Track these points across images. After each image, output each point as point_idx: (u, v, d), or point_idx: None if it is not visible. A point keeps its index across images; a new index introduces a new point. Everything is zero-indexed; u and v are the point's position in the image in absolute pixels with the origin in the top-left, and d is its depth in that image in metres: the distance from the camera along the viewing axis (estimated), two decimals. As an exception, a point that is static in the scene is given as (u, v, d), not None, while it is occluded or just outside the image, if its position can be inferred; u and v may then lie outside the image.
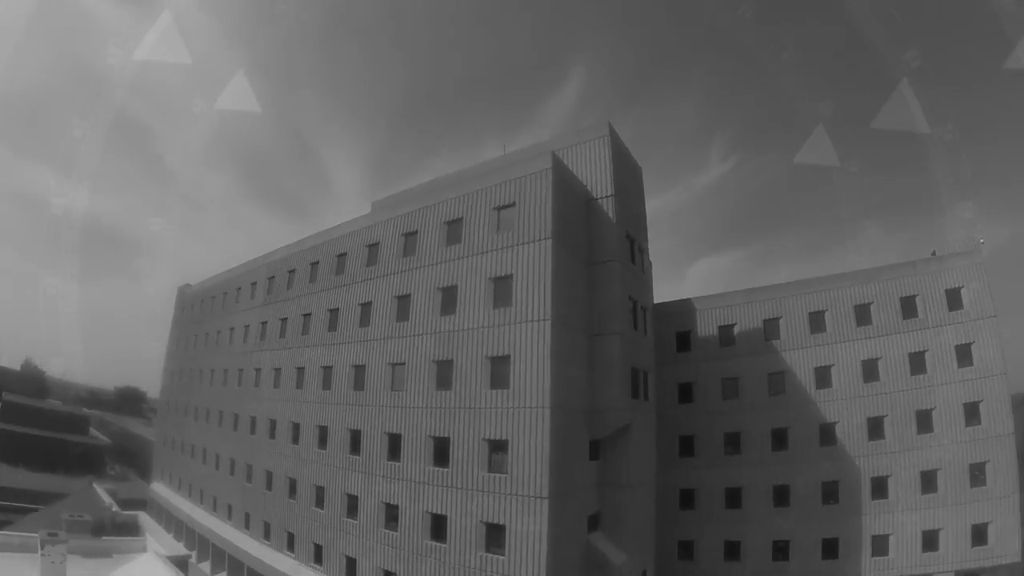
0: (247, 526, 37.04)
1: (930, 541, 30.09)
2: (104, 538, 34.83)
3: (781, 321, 33.97)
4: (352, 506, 28.34)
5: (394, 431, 26.47)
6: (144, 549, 36.13)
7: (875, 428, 31.33)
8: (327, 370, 31.21)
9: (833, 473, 31.51)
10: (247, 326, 40.23)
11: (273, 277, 38.18)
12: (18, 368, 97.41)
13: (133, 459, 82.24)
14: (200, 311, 49.35)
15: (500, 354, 22.86)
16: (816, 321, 33.26)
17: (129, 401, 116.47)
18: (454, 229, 25.68)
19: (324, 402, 31.05)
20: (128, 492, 59.05)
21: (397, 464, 26.12)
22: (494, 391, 22.90)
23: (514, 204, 23.81)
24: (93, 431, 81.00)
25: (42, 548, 17.96)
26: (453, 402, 24.11)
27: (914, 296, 32.06)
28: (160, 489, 51.41)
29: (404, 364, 26.41)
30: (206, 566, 40.67)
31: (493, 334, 23.19)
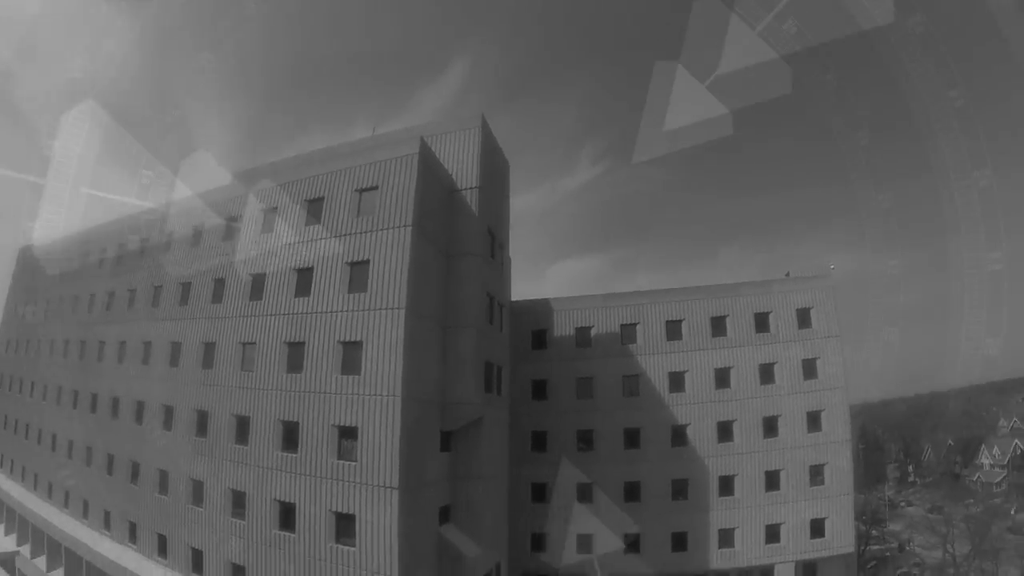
0: (86, 515, 33.94)
1: (773, 534, 33.08)
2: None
3: (639, 327, 35.65)
4: (198, 493, 26.65)
5: (243, 413, 25.14)
6: None
7: (724, 431, 33.87)
8: (175, 346, 28.99)
9: (683, 471, 33.69)
10: (93, 295, 36.46)
11: (124, 244, 34.79)
12: None
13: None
14: (43, 276, 44.06)
15: (353, 339, 22.34)
16: (673, 329, 35.29)
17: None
18: (314, 208, 24.62)
19: (171, 380, 28.83)
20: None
21: (245, 448, 24.84)
22: (345, 376, 22.35)
23: (377, 187, 23.23)
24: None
25: None
26: (303, 386, 23.27)
27: (767, 313, 34.97)
28: (-12, 473, 45.86)
29: (255, 344, 25.11)
30: (41, 561, 37.00)
31: (347, 319, 22.60)
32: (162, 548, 28.27)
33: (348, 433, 22.23)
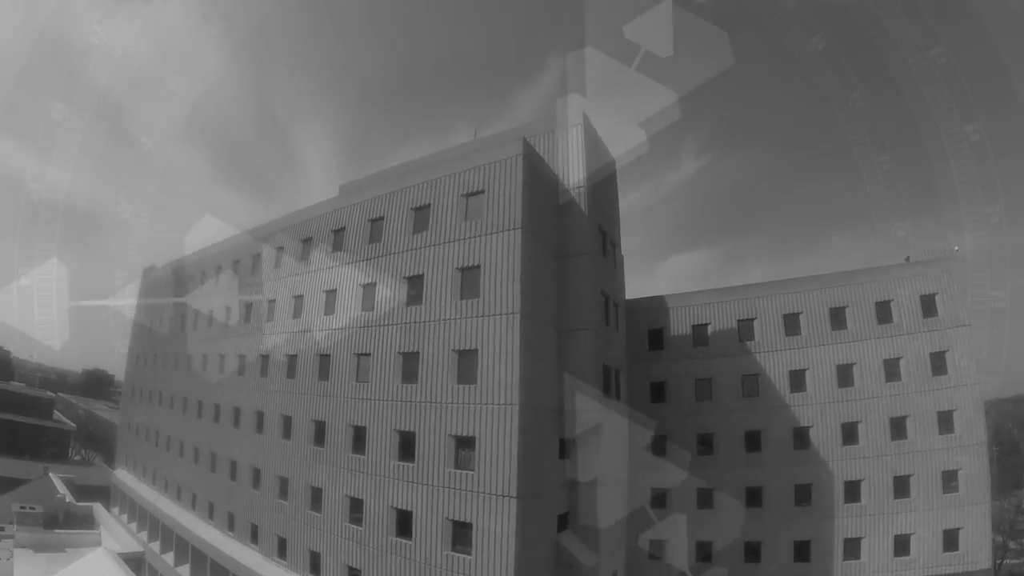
0: (211, 516, 36.06)
1: (902, 546, 30.38)
2: (56, 531, 33.44)
3: (755, 322, 33.62)
4: (316, 499, 27.52)
5: (359, 424, 25.62)
6: (98, 543, 34.67)
7: (849, 433, 31.42)
8: (292, 359, 30.11)
9: (806, 476, 31.55)
10: (211, 311, 38.80)
11: (238, 261, 36.72)
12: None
13: (98, 444, 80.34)
14: (164, 294, 47.65)
15: (467, 347, 22.04)
16: (791, 323, 32.99)
17: (96, 384, 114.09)
18: (421, 216, 24.63)
19: (288, 391, 30.00)
20: (91, 478, 57.57)
21: (362, 457, 25.31)
22: (461, 386, 22.11)
23: (483, 191, 22.82)
24: (58, 414, 78.81)
25: (-13, 544, 16.79)
26: (419, 396, 23.27)
27: (889, 301, 32.02)
28: (124, 476, 50.05)
29: (370, 355, 25.45)
30: (169, 557, 39.60)
31: (460, 326, 22.33)
32: (282, 550, 29.40)
33: (465, 443, 22.00)
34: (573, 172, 25.29)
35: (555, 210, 24.81)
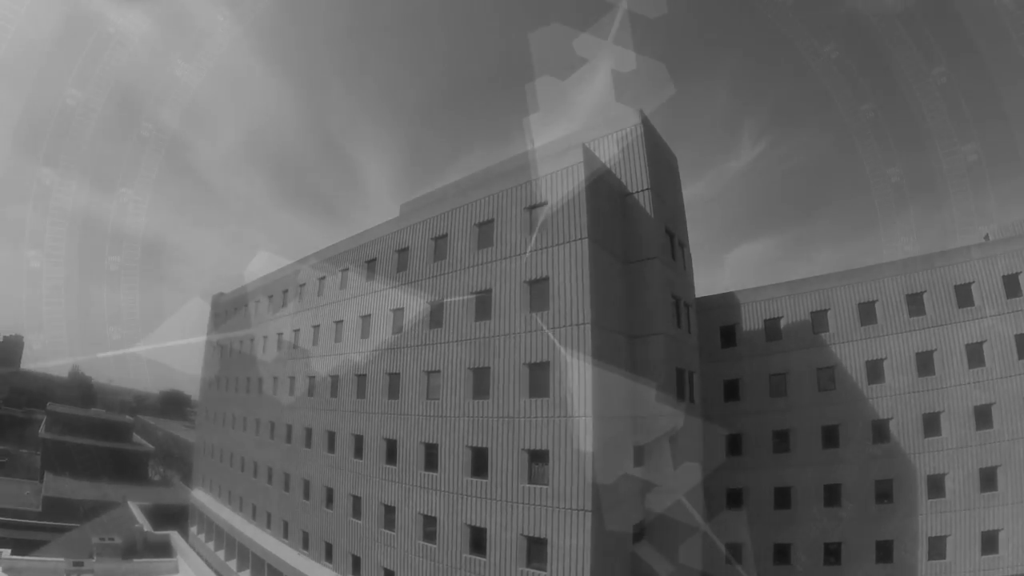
0: (286, 535, 36.93)
1: (990, 543, 28.20)
2: (135, 560, 34.66)
3: (829, 313, 32.16)
4: (389, 517, 27.76)
5: (430, 441, 25.74)
6: (175, 571, 35.81)
7: (931, 424, 29.51)
8: (361, 378, 30.68)
9: (887, 472, 29.82)
10: (280, 334, 40.13)
11: (304, 284, 37.93)
12: (66, 376, 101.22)
13: (177, 463, 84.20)
14: (233, 319, 49.72)
15: (538, 360, 21.85)
16: (866, 312, 31.39)
17: (173, 405, 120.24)
18: (485, 231, 24.76)
19: (359, 411, 30.55)
20: (170, 497, 60.25)
21: (434, 475, 25.40)
22: (533, 399, 21.90)
23: (546, 203, 22.74)
24: (136, 437, 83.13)
25: (67, 578, 17.61)
26: (491, 411, 23.21)
27: (969, 284, 30.04)
28: (200, 495, 52.09)
29: (439, 372, 25.62)
30: (246, 574, 40.79)
31: (530, 339, 22.18)
32: (356, 568, 29.75)
33: (539, 457, 21.76)
34: (635, 173, 24.89)
35: (620, 215, 24.44)
